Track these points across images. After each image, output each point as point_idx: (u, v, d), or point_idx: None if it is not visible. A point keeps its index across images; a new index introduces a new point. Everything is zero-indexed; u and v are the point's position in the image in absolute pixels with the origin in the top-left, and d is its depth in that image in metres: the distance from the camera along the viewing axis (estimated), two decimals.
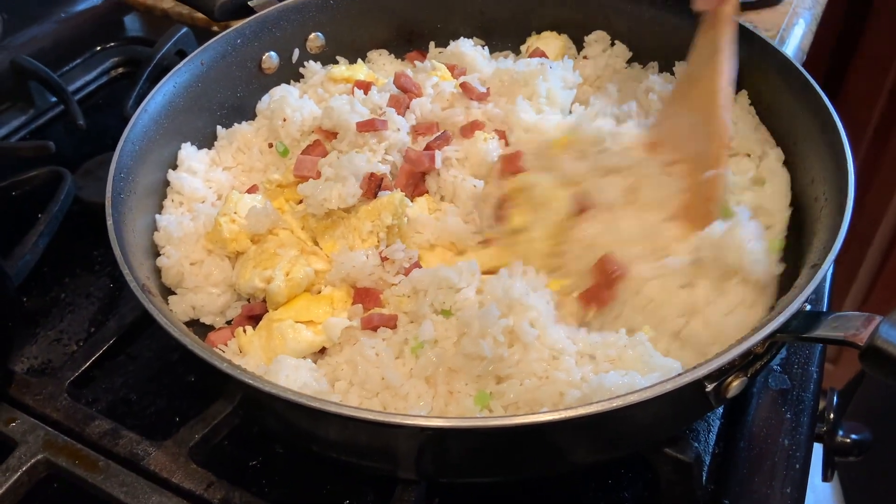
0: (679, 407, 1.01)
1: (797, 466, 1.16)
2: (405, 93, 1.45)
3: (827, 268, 0.98)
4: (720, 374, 0.93)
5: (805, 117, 1.26)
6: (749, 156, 1.35)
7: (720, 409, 1.24)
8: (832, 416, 1.38)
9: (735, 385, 0.95)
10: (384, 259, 1.24)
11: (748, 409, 1.23)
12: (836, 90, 2.87)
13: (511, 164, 1.33)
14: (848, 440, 1.39)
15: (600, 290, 1.15)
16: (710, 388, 0.92)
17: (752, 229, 1.12)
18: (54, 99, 1.83)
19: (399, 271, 1.24)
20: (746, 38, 1.39)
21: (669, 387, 0.86)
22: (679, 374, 0.88)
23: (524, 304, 1.08)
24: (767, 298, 1.13)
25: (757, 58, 1.37)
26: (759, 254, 1.11)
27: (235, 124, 1.53)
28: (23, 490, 1.13)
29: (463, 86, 1.45)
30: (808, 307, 1.05)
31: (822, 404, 1.34)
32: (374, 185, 1.27)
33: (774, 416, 1.22)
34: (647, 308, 1.14)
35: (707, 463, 1.17)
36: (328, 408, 0.89)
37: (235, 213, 1.30)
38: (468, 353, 1.06)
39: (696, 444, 1.17)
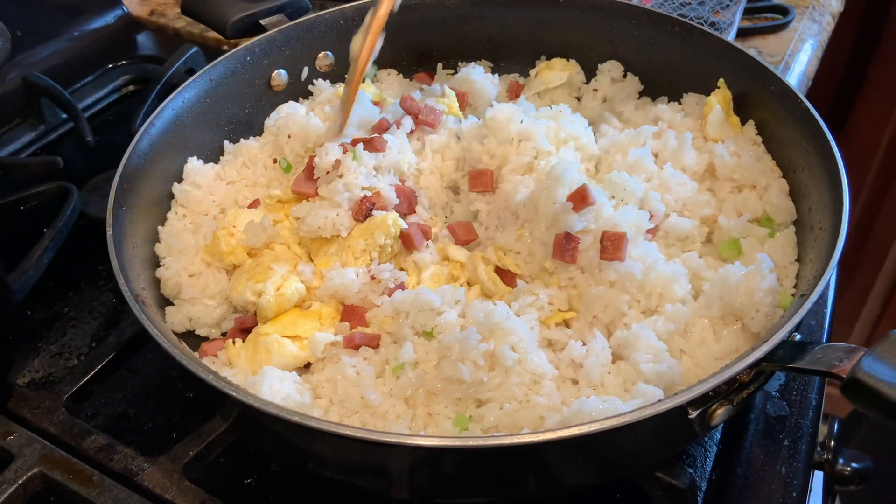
0: (663, 433, 1.00)
1: (794, 494, 1.15)
2: (412, 116, 1.45)
3: (815, 298, 0.98)
4: (704, 401, 0.92)
5: (806, 146, 1.26)
6: (755, 188, 1.34)
7: (717, 435, 1.23)
8: (832, 444, 1.37)
9: (720, 413, 0.94)
10: (373, 278, 1.25)
11: (745, 435, 1.22)
12: (845, 117, 2.87)
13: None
14: (848, 469, 1.37)
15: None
16: (693, 414, 0.92)
17: (769, 282, 1.12)
18: (65, 115, 1.85)
19: (384, 292, 1.24)
20: (748, 65, 1.40)
21: (649, 412, 0.86)
22: (660, 401, 0.88)
23: (505, 328, 1.08)
24: None
25: (759, 85, 1.38)
26: (767, 308, 1.11)
27: (242, 140, 1.55)
28: (19, 503, 1.14)
29: None
30: (798, 336, 1.05)
31: (824, 430, 1.33)
32: (363, 210, 1.28)
33: (772, 442, 1.21)
34: (633, 344, 1.13)
35: (703, 489, 1.16)
36: (309, 423, 0.89)
37: (234, 226, 1.32)
38: (448, 376, 1.07)
39: (692, 470, 1.16)
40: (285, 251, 1.31)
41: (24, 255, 1.38)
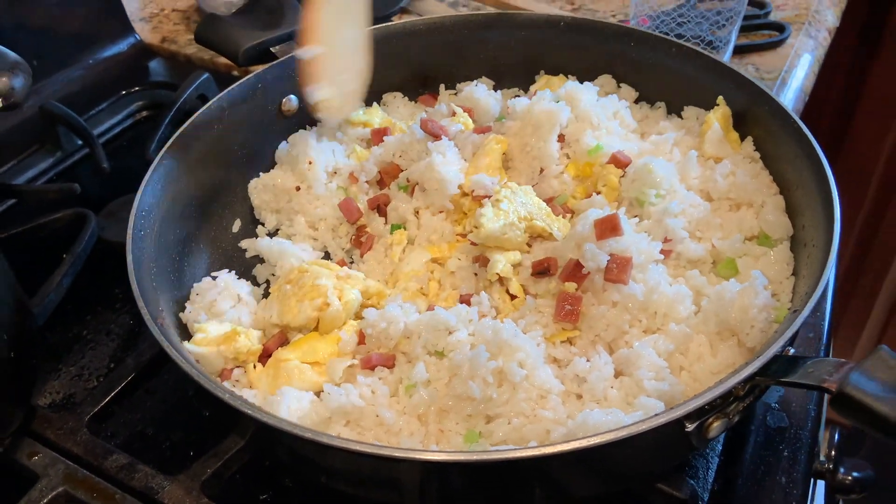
0: (662, 446, 1.03)
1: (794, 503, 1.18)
2: (434, 137, 1.50)
3: (806, 314, 1.01)
4: (700, 415, 0.95)
5: (800, 164, 1.29)
6: (751, 205, 1.36)
7: (719, 447, 1.26)
8: (833, 453, 1.39)
9: (716, 426, 0.97)
10: None
11: (746, 447, 1.25)
12: (846, 128, 2.90)
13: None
14: (849, 478, 1.39)
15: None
16: (690, 428, 0.95)
17: (763, 298, 1.14)
18: (80, 142, 1.89)
19: None
20: (743, 84, 1.44)
21: (647, 426, 0.89)
22: (657, 414, 0.91)
23: (513, 345, 1.12)
24: None
25: (754, 103, 1.42)
26: (762, 323, 1.13)
27: (262, 173, 1.61)
28: None
29: None
30: (793, 351, 1.08)
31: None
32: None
33: (772, 453, 1.24)
34: (635, 363, 1.16)
35: (705, 500, 1.19)
36: (320, 439, 0.93)
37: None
38: (458, 393, 1.11)
39: (694, 482, 1.19)
40: (320, 269, 1.35)
41: (43, 280, 1.42)
